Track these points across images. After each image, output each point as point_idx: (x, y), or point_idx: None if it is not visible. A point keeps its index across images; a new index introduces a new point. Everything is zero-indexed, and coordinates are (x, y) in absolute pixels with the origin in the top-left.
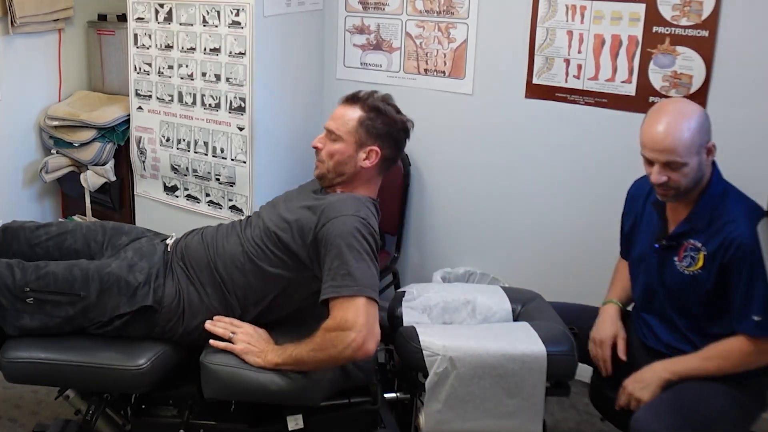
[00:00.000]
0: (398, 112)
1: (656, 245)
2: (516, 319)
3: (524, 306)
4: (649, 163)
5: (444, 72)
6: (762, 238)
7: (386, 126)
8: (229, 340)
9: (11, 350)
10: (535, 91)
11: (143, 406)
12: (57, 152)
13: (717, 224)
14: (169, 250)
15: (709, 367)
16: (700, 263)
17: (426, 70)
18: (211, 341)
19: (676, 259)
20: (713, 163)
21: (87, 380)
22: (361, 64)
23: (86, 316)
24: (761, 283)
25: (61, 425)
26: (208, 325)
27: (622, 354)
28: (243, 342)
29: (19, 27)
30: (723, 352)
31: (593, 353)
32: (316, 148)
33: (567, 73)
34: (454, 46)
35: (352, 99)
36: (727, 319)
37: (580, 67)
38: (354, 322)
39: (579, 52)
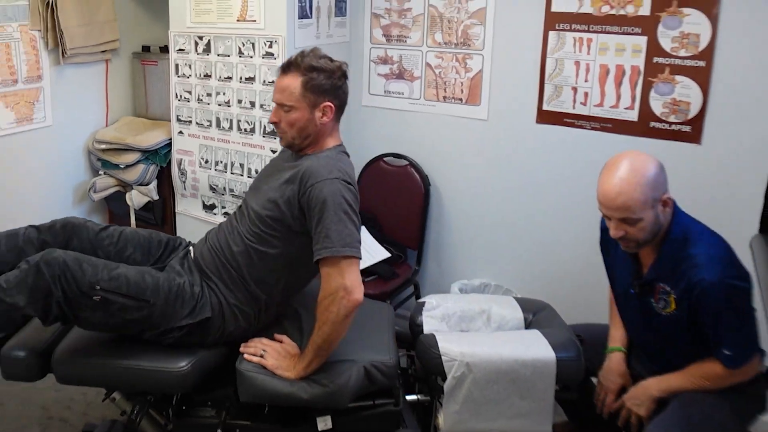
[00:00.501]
0: (331, 60)
1: (632, 291)
2: (528, 327)
3: (535, 315)
4: (608, 217)
5: (461, 99)
6: (756, 253)
7: (328, 79)
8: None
9: (63, 354)
10: (545, 117)
11: (184, 408)
12: (104, 173)
13: (680, 269)
14: (193, 258)
15: (692, 385)
16: (673, 305)
17: (444, 98)
18: (246, 356)
19: (653, 300)
20: (675, 209)
21: (132, 382)
22: (385, 91)
23: (149, 322)
24: (729, 319)
25: (109, 425)
26: (242, 347)
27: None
28: (272, 359)
29: (70, 58)
30: (703, 374)
31: (599, 395)
32: (274, 123)
33: (575, 100)
34: (471, 76)
35: (288, 67)
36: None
37: (586, 94)
38: (338, 284)
39: (586, 80)
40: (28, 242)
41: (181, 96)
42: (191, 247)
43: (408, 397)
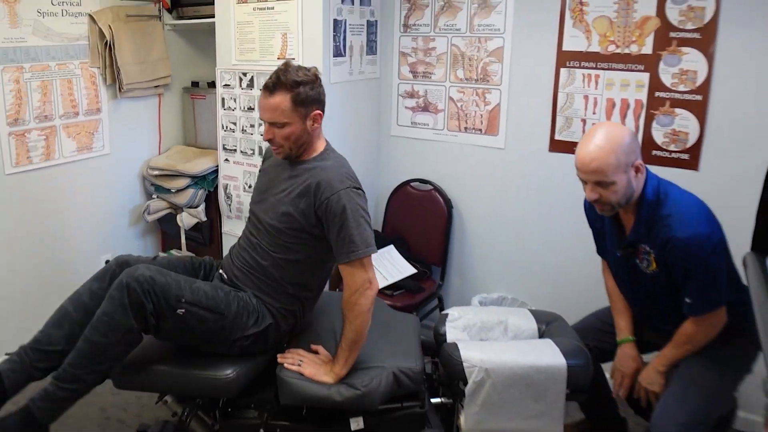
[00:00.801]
0: (307, 69)
1: (618, 254)
2: (541, 336)
3: (548, 325)
4: (584, 182)
5: (481, 130)
6: (748, 270)
7: (312, 89)
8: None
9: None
10: (557, 146)
11: (229, 410)
12: (157, 197)
13: (655, 229)
14: (227, 279)
15: (683, 352)
16: (654, 264)
17: (466, 128)
18: (286, 365)
19: (637, 260)
20: (647, 175)
21: (183, 387)
22: (412, 123)
23: (221, 333)
24: (695, 271)
25: (161, 426)
26: (279, 358)
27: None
28: (309, 368)
29: (126, 92)
30: (683, 337)
31: (616, 381)
32: (269, 140)
33: (584, 131)
34: (489, 108)
35: (274, 87)
36: None
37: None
38: (362, 282)
39: (594, 113)
40: (92, 296)
41: (226, 127)
42: (221, 270)
43: (433, 400)
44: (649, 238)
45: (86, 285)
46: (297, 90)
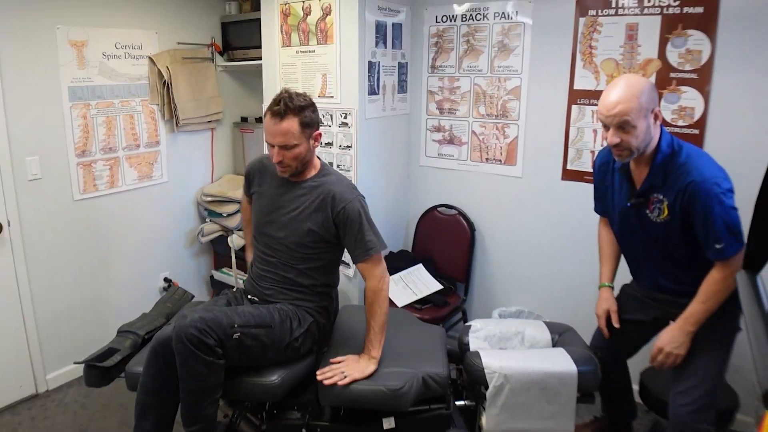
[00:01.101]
0: (304, 95)
1: (628, 204)
2: (554, 345)
3: (560, 336)
4: (606, 127)
5: (500, 160)
6: (741, 289)
7: (313, 113)
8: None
9: None
10: (569, 175)
11: (275, 411)
12: (210, 220)
13: (671, 177)
14: (259, 301)
15: (711, 306)
16: (666, 212)
17: (487, 159)
18: (326, 382)
19: (647, 211)
20: (662, 130)
21: (234, 392)
22: (438, 154)
23: (274, 342)
24: (715, 215)
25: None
26: (320, 376)
27: (615, 322)
28: (354, 372)
29: (182, 126)
30: (711, 288)
31: (600, 320)
32: (279, 162)
33: (593, 162)
34: (508, 141)
35: (284, 113)
36: (699, 251)
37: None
38: (381, 272)
39: (601, 145)
40: (155, 379)
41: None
42: (249, 296)
43: (457, 403)
44: (663, 187)
45: (145, 374)
46: (303, 114)
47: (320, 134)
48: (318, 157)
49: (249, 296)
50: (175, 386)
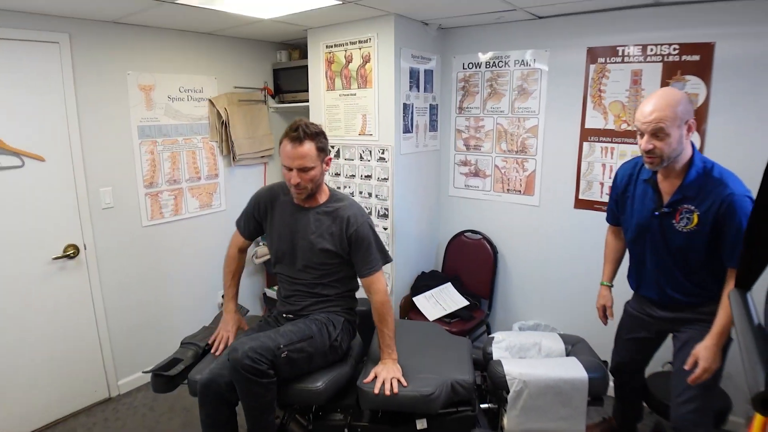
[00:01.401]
0: (315, 124)
1: (656, 213)
2: (568, 355)
3: (573, 346)
4: (641, 135)
5: (520, 191)
6: (734, 308)
7: (325, 139)
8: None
9: None
10: (581, 204)
11: (320, 413)
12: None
13: (705, 190)
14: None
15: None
16: (695, 222)
17: (508, 190)
18: (390, 389)
19: (673, 221)
20: (693, 146)
21: (284, 397)
22: (465, 185)
23: (318, 349)
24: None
25: None
26: (377, 390)
27: (610, 315)
28: (397, 375)
29: (239, 161)
30: None
31: (599, 314)
32: (297, 184)
33: (602, 192)
34: (527, 174)
35: (303, 139)
36: (716, 261)
37: (610, 188)
38: (384, 286)
39: (609, 177)
40: (210, 418)
41: None
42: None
43: (482, 405)
44: (696, 199)
45: (201, 414)
46: (318, 139)
47: (331, 159)
48: (325, 184)
49: (284, 315)
50: (227, 416)
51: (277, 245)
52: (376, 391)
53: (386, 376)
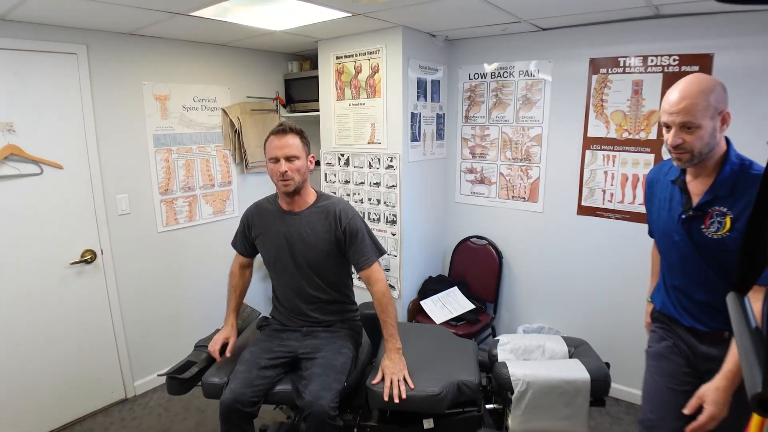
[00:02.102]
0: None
1: (683, 216)
2: (571, 357)
3: (576, 348)
4: (668, 128)
5: (524, 198)
6: (732, 312)
7: (306, 137)
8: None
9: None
10: (584, 210)
11: None
12: None
13: (741, 188)
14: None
15: None
16: (728, 226)
17: (513, 197)
18: (403, 396)
19: (703, 227)
20: (728, 141)
21: (296, 397)
22: (471, 192)
23: (359, 358)
24: None
25: (278, 426)
26: (386, 396)
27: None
28: (402, 374)
29: (251, 168)
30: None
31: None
32: (284, 173)
33: (603, 198)
34: (531, 181)
35: (286, 131)
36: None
37: (612, 194)
38: (382, 276)
39: (611, 185)
40: (228, 417)
41: None
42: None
43: (487, 406)
44: (729, 199)
45: (224, 430)
46: (302, 135)
47: (314, 158)
48: (311, 187)
49: (299, 329)
50: (250, 430)
51: (275, 254)
52: (386, 397)
53: (393, 374)
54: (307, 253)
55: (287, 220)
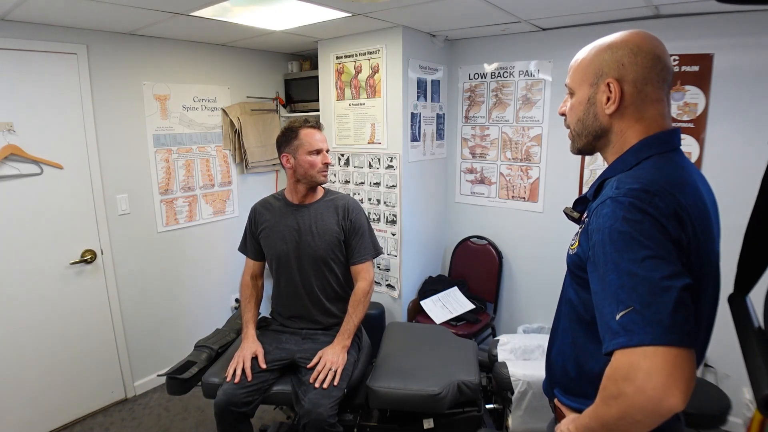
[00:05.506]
0: None
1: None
2: None
3: None
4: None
5: (524, 197)
6: (734, 312)
7: None
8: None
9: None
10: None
11: None
12: None
13: (590, 223)
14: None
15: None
16: (576, 242)
17: (513, 196)
18: (325, 385)
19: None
20: (648, 144)
21: (294, 404)
22: (471, 192)
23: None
24: (614, 275)
25: (278, 425)
26: (317, 384)
27: None
28: (335, 362)
29: (251, 168)
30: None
31: None
32: (328, 163)
33: None
34: (531, 181)
35: (321, 127)
36: None
37: None
38: (372, 276)
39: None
40: (222, 417)
41: None
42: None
43: (487, 406)
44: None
45: (221, 430)
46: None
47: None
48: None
49: (298, 331)
50: (245, 429)
51: (279, 249)
52: (313, 381)
53: (331, 363)
54: (315, 244)
55: (297, 213)
